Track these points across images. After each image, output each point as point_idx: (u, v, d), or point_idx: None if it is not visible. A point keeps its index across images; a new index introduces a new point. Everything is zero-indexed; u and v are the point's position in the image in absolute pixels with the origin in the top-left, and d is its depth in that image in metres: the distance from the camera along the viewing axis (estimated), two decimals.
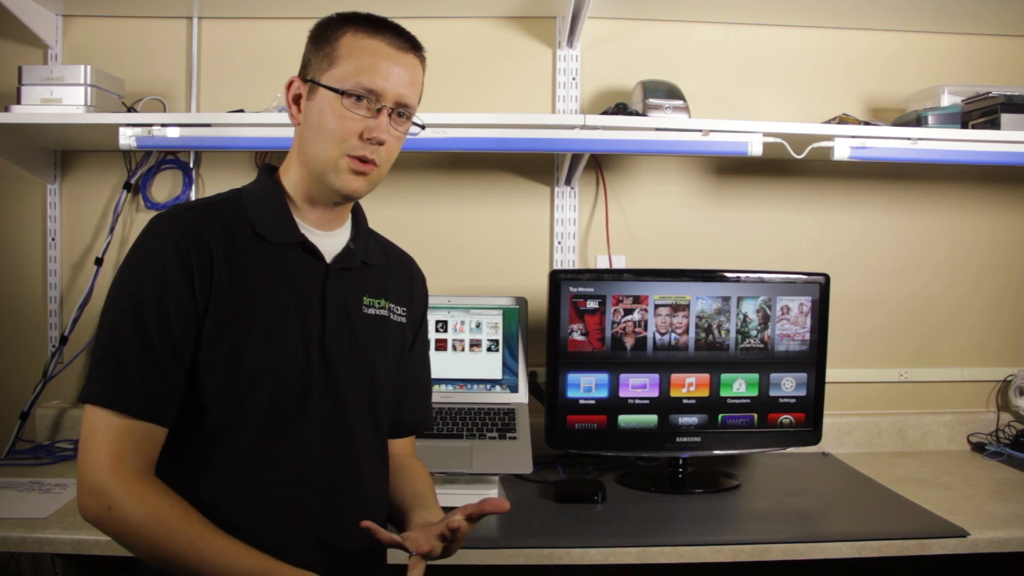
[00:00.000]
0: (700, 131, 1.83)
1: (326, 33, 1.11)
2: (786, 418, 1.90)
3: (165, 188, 2.13)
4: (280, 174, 1.17)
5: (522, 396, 1.93)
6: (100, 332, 1.04)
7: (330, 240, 1.16)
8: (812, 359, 1.90)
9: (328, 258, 1.14)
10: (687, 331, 1.86)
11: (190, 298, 1.03)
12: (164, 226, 1.06)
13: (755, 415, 1.89)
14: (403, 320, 1.25)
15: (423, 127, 1.17)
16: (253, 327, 1.05)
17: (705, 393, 1.87)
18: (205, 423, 1.04)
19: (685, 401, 1.86)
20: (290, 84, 1.14)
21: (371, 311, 1.18)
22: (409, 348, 1.28)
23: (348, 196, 1.12)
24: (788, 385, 1.90)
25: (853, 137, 1.86)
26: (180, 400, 1.03)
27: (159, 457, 1.04)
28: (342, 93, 1.07)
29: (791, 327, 1.89)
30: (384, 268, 1.24)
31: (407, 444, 1.34)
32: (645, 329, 1.85)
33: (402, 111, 1.11)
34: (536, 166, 2.16)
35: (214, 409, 1.04)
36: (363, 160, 1.09)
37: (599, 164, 2.15)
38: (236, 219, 1.10)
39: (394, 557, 1.22)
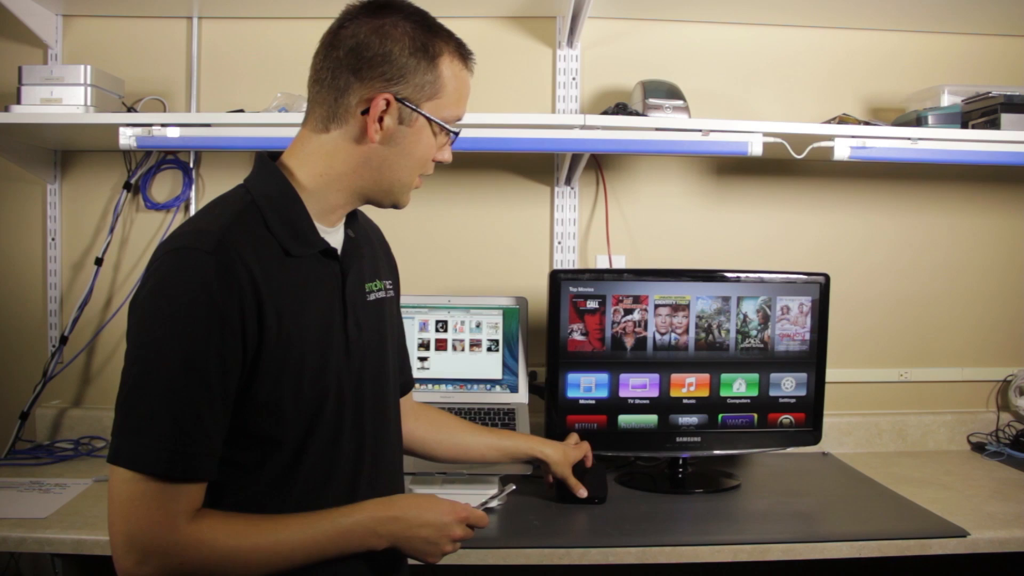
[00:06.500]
0: (700, 131, 1.83)
1: (429, 49, 1.03)
2: (786, 418, 1.90)
3: (165, 188, 2.13)
4: (292, 171, 1.07)
5: (522, 396, 1.93)
6: (136, 382, 0.93)
7: (336, 235, 1.13)
8: (812, 359, 1.90)
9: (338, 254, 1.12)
10: (687, 331, 1.86)
11: (240, 344, 0.95)
12: (202, 262, 0.93)
13: (755, 415, 1.89)
14: (392, 294, 1.25)
15: (458, 134, 1.15)
16: (305, 352, 1.02)
17: (705, 393, 1.87)
18: (274, 457, 1.02)
19: (685, 401, 1.86)
20: (385, 101, 1.02)
21: (372, 297, 1.17)
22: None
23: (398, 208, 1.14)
24: (788, 385, 1.90)
25: (853, 137, 1.85)
26: (220, 449, 0.97)
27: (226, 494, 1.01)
28: (455, 135, 1.09)
29: (791, 327, 1.89)
30: (367, 243, 1.22)
31: (407, 401, 1.37)
32: (645, 329, 1.85)
33: None
34: (536, 166, 2.16)
35: (286, 441, 1.02)
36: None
37: (599, 164, 2.15)
38: (261, 235, 1.01)
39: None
